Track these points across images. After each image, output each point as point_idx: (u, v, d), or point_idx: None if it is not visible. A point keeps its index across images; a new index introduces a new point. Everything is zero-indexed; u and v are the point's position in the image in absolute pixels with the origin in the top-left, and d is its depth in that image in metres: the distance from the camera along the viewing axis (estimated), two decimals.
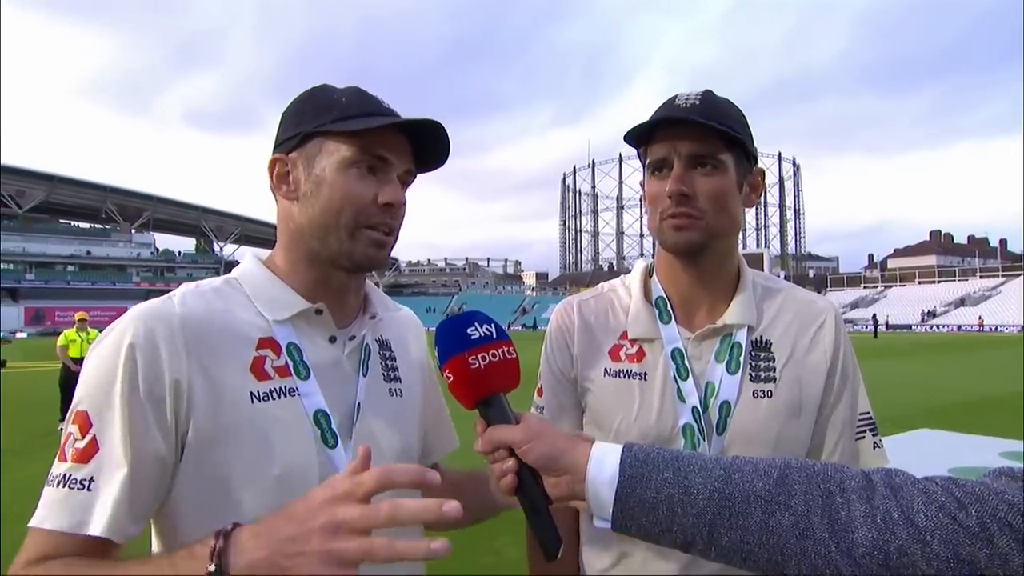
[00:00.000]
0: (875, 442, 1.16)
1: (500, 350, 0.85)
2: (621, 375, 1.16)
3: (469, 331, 0.85)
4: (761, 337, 1.15)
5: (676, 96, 1.10)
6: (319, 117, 0.94)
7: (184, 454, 0.85)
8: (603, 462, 0.78)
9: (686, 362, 1.12)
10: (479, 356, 0.83)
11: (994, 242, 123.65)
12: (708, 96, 1.09)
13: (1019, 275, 68.68)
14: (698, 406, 1.09)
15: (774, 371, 1.12)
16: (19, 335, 52.30)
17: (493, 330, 0.87)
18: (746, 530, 0.71)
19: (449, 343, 0.85)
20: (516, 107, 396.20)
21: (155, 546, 0.90)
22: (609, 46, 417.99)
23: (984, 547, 0.64)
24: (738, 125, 1.09)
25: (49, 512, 0.79)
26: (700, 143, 1.07)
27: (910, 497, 0.69)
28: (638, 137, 1.13)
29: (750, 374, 1.12)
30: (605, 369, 1.17)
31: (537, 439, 0.81)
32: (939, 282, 77.12)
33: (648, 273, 1.22)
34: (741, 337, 1.13)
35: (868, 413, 1.17)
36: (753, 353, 1.13)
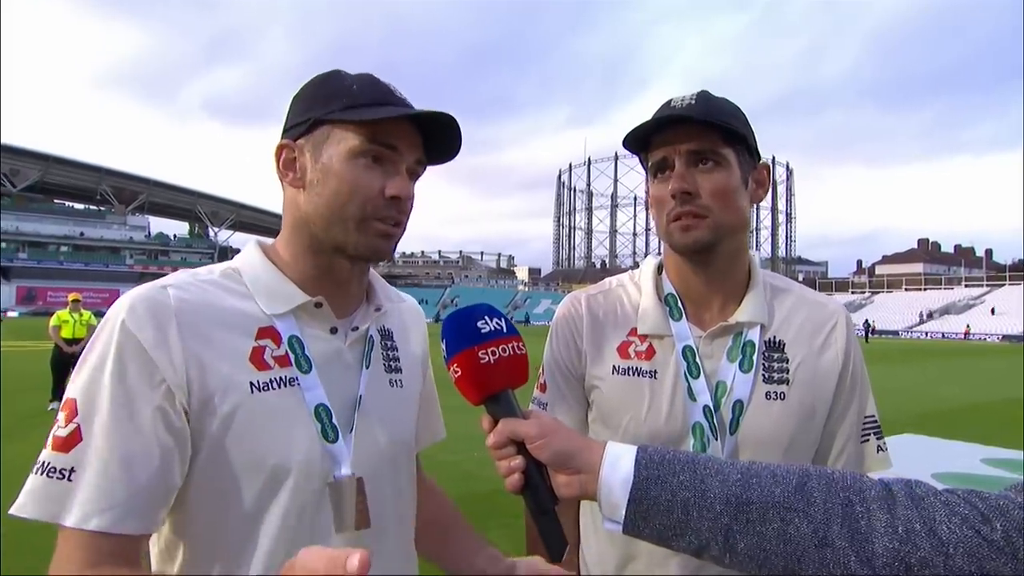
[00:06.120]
0: (879, 445, 1.15)
1: (511, 345, 0.83)
2: (630, 373, 1.14)
3: (479, 325, 0.83)
4: (774, 337, 1.13)
5: (671, 100, 1.10)
6: (328, 104, 0.92)
7: (192, 442, 0.84)
8: (617, 462, 0.77)
9: (697, 360, 1.10)
10: (489, 351, 0.81)
11: (980, 252, 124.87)
12: (704, 95, 1.08)
13: (1004, 284, 69.56)
14: (710, 405, 1.07)
15: (787, 372, 1.10)
16: (10, 314, 52.12)
17: (504, 325, 0.84)
18: (763, 536, 0.70)
19: (458, 336, 0.82)
20: (532, 110, 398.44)
21: (165, 535, 0.89)
22: (628, 56, 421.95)
23: (1009, 561, 0.63)
24: (737, 121, 1.08)
25: (27, 500, 0.77)
26: (699, 140, 1.05)
27: (932, 509, 0.68)
28: (637, 142, 1.12)
29: (763, 375, 1.10)
30: (614, 366, 1.15)
31: (552, 435, 0.79)
32: (925, 289, 77.93)
33: (658, 270, 1.22)
34: (754, 336, 1.11)
35: (874, 416, 1.17)
36: (767, 353, 1.11)
